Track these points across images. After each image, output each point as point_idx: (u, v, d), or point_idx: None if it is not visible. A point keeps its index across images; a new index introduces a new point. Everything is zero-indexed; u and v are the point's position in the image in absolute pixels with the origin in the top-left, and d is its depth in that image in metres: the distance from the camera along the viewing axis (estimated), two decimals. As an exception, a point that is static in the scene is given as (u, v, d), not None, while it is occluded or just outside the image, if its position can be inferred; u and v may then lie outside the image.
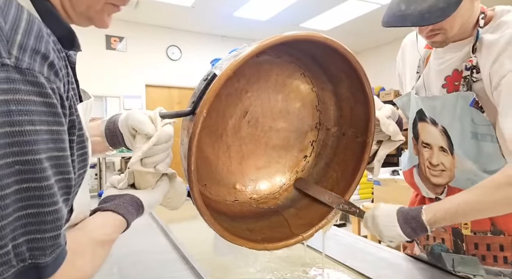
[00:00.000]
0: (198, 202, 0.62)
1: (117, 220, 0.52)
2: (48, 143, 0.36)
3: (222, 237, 0.67)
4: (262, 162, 0.86)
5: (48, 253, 0.36)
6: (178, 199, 0.65)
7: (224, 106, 0.78)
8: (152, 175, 0.59)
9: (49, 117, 0.36)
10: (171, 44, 5.27)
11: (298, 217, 0.78)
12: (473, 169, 0.78)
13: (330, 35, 0.66)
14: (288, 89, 0.84)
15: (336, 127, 0.87)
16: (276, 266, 0.99)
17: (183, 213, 1.80)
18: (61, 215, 0.37)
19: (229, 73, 0.57)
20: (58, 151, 0.37)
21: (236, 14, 4.65)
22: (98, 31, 4.70)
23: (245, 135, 0.82)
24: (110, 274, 0.92)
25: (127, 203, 0.54)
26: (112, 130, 0.65)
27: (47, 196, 0.35)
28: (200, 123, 0.57)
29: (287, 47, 0.75)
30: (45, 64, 0.36)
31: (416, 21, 0.69)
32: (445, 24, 0.73)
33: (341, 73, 0.78)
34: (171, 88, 5.35)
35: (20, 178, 0.33)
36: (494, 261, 0.79)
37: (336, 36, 0.67)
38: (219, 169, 0.81)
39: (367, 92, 0.75)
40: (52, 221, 0.36)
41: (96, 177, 4.12)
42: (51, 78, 0.37)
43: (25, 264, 0.34)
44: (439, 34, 0.75)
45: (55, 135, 0.37)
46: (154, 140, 0.56)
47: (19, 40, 0.35)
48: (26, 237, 0.34)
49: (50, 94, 0.36)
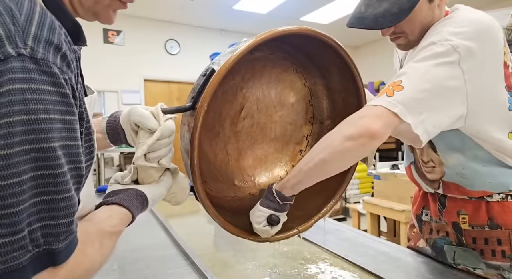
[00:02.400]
0: (201, 195, 0.63)
1: (122, 213, 0.52)
2: (61, 132, 0.36)
3: (225, 230, 0.68)
4: (259, 158, 0.87)
5: (61, 239, 0.37)
6: (181, 193, 0.66)
7: (220, 103, 0.79)
8: (156, 169, 0.60)
9: (62, 106, 0.37)
10: (169, 38, 5.23)
11: (296, 209, 0.79)
12: (460, 161, 0.79)
13: (330, 29, 0.67)
14: (282, 85, 0.86)
15: (329, 120, 0.89)
16: (276, 261, 0.99)
17: (183, 209, 1.80)
18: (74, 203, 0.38)
19: (228, 67, 0.58)
20: (70, 140, 0.38)
21: (236, 8, 4.62)
22: (95, 24, 4.62)
23: (242, 132, 0.84)
24: (110, 270, 0.92)
25: (131, 196, 0.55)
26: (113, 127, 0.66)
27: (60, 183, 0.36)
28: (201, 117, 0.58)
29: (280, 43, 0.77)
30: (58, 55, 0.37)
31: (371, 24, 0.74)
32: (405, 28, 0.77)
33: (332, 67, 0.80)
34: (170, 83, 5.32)
35: (36, 165, 0.34)
36: (493, 255, 0.79)
37: (335, 30, 0.68)
38: (217, 165, 0.82)
39: (358, 84, 0.77)
40: (66, 208, 0.37)
41: (94, 172, 4.13)
42: (63, 69, 0.37)
43: (40, 249, 0.35)
44: (401, 38, 0.79)
45: (68, 124, 0.37)
46: (158, 134, 0.56)
47: (34, 31, 0.35)
48: (41, 223, 0.35)
49: (63, 84, 0.37)
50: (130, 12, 4.70)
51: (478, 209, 0.80)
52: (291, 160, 0.90)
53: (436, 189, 0.87)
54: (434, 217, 0.90)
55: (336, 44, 0.69)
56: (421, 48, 0.71)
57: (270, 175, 0.88)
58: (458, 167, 0.80)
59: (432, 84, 0.66)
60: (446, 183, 0.84)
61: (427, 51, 0.69)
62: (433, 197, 0.91)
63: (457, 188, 0.82)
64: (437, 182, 0.86)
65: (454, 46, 0.67)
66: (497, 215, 0.78)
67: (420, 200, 0.96)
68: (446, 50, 0.67)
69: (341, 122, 0.68)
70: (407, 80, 0.67)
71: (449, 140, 0.78)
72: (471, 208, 0.81)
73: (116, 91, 4.89)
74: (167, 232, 1.21)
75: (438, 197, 0.89)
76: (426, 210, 0.94)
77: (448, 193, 0.85)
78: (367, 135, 0.63)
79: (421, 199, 0.96)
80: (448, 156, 0.80)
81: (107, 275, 0.88)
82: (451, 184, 0.83)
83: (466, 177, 0.79)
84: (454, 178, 0.81)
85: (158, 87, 5.25)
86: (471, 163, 0.78)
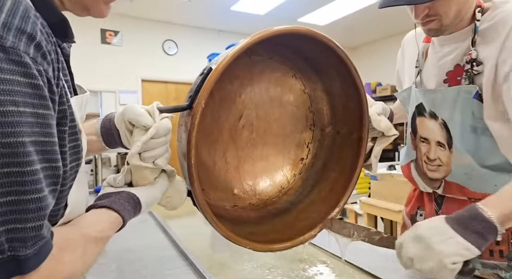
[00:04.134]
0: (199, 199, 0.60)
1: (111, 217, 0.49)
2: (33, 127, 0.33)
3: (226, 238, 0.64)
4: (260, 166, 0.85)
5: (29, 245, 0.33)
6: (178, 197, 0.64)
7: (218, 110, 0.78)
8: (151, 171, 0.58)
9: (34, 99, 0.34)
10: (167, 38, 5.22)
11: (299, 219, 0.78)
12: (471, 163, 0.78)
13: (327, 31, 0.66)
14: (280, 92, 0.84)
15: (330, 126, 0.87)
16: (274, 262, 0.99)
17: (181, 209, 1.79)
18: (45, 205, 0.35)
19: (225, 65, 0.57)
20: (44, 136, 0.35)
21: (233, 8, 4.61)
22: (93, 25, 4.64)
23: (241, 139, 0.82)
24: (108, 270, 0.91)
25: (123, 199, 0.53)
26: (107, 128, 0.64)
27: (30, 182, 0.33)
28: (199, 115, 0.56)
29: (278, 46, 0.75)
30: (31, 45, 0.35)
31: (407, 0, 0.69)
32: (440, 9, 0.73)
33: (332, 70, 0.78)
34: (168, 83, 5.31)
35: (1, 162, 0.31)
36: (490, 255, 0.80)
37: (333, 31, 0.67)
38: (216, 174, 0.80)
39: (358, 87, 0.74)
40: (35, 210, 0.33)
41: (91, 173, 4.11)
42: (37, 60, 0.35)
43: (3, 256, 0.32)
44: (435, 21, 0.75)
45: (41, 119, 0.35)
46: (152, 131, 0.54)
47: (3, 18, 0.33)
48: (5, 226, 0.32)
49: (36, 75, 0.34)
50: (128, 12, 4.69)
51: None
52: (293, 168, 0.88)
53: (436, 188, 0.87)
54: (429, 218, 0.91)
55: (334, 45, 0.68)
56: None
57: (271, 183, 0.86)
58: (468, 168, 0.79)
59: None
60: (449, 182, 0.83)
61: None
62: (429, 197, 0.91)
63: (460, 189, 0.82)
64: (439, 181, 0.86)
65: None
66: None
67: (415, 200, 0.96)
68: None
69: None
70: None
71: (468, 142, 0.78)
72: None
73: (114, 92, 4.88)
74: (165, 233, 1.21)
75: (435, 197, 0.89)
76: (421, 210, 0.94)
77: (449, 193, 0.85)
78: None
79: (416, 199, 0.96)
80: (461, 155, 0.80)
81: (105, 276, 0.88)
82: (453, 184, 0.82)
83: (472, 178, 0.79)
84: (460, 179, 0.81)
85: (155, 87, 5.24)
86: (480, 167, 0.77)
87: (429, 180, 0.88)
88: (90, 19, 0.58)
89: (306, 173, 0.88)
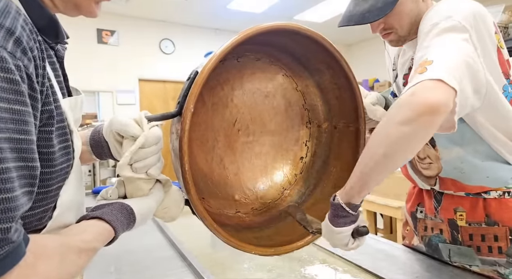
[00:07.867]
0: (197, 207, 0.59)
1: (101, 227, 0.47)
2: (7, 123, 0.32)
3: (228, 245, 0.63)
4: (259, 170, 0.84)
5: None
6: (175, 207, 0.62)
7: (212, 116, 0.77)
8: (144, 181, 0.56)
9: (9, 94, 0.32)
10: (164, 37, 5.20)
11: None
12: (460, 155, 0.79)
13: (324, 28, 0.67)
14: (272, 92, 0.84)
15: (326, 122, 0.86)
16: (273, 262, 0.99)
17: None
18: (16, 206, 0.32)
19: (212, 67, 0.56)
20: (19, 133, 0.33)
21: (230, 7, 4.60)
22: (89, 24, 4.61)
23: (237, 144, 0.81)
24: (107, 272, 0.91)
25: (115, 210, 0.51)
26: (96, 140, 0.62)
27: None
28: (188, 120, 0.55)
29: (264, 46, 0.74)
30: (10, 40, 0.34)
31: (358, 20, 0.74)
32: (394, 23, 0.77)
33: (321, 65, 0.78)
34: (165, 82, 5.29)
35: None
36: (489, 252, 0.80)
37: (329, 29, 0.67)
38: (215, 181, 0.79)
39: (349, 77, 0.75)
40: (3, 211, 0.30)
41: (89, 174, 4.09)
42: (16, 55, 0.34)
43: None
44: (392, 33, 0.79)
45: (17, 115, 0.33)
46: (141, 140, 0.52)
47: None
48: None
49: (13, 70, 0.33)
50: (124, 11, 4.66)
51: (475, 206, 0.81)
52: (293, 169, 0.87)
53: (433, 185, 0.87)
54: (429, 214, 0.91)
55: (320, 38, 0.67)
56: (426, 32, 0.67)
57: (273, 186, 0.85)
58: (457, 161, 0.80)
59: (457, 52, 0.62)
60: (443, 179, 0.84)
61: (435, 30, 0.66)
62: (428, 194, 0.91)
63: (454, 183, 0.82)
64: (434, 178, 0.86)
65: (459, 21, 0.65)
66: (494, 212, 0.78)
67: (415, 197, 0.97)
68: (453, 25, 0.65)
69: (389, 109, 0.60)
70: (431, 55, 0.61)
71: (450, 134, 0.78)
72: (468, 205, 0.82)
73: (111, 92, 4.86)
74: (164, 233, 1.21)
75: (434, 193, 0.89)
76: (421, 207, 0.94)
77: (445, 189, 0.85)
78: (427, 112, 0.53)
79: (416, 196, 0.96)
80: (447, 150, 0.80)
81: (104, 278, 0.88)
82: (447, 180, 0.83)
83: (464, 171, 0.79)
84: (452, 173, 0.81)
85: (153, 87, 5.22)
86: (470, 157, 0.78)
87: (425, 178, 0.89)
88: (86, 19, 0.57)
89: (307, 171, 0.88)
